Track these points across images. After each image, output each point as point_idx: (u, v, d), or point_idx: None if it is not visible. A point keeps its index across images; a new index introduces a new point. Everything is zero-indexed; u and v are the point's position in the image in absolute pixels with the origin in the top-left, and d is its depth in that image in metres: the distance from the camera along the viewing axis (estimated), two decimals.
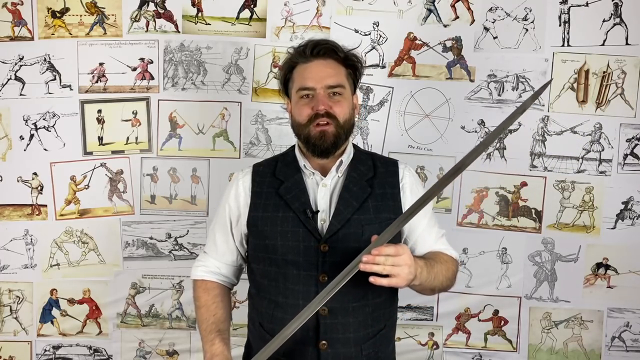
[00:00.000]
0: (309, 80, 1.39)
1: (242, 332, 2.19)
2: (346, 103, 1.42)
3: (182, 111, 2.16)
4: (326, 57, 1.41)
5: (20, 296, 2.21)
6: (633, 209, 2.16)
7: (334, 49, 1.42)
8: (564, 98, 2.13)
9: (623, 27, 2.09)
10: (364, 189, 1.41)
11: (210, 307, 1.48)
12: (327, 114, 1.38)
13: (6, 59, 2.11)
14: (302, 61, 1.42)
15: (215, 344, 1.42)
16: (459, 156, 2.16)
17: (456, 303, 2.23)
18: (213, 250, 1.53)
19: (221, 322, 1.47)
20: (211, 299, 1.49)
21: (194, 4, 2.13)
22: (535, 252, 2.19)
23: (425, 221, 1.48)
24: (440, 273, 1.37)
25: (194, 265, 1.55)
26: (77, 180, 2.17)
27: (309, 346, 1.36)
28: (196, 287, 1.53)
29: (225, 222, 1.50)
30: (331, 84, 1.39)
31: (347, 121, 1.41)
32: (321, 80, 1.39)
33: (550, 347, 2.24)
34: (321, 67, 1.40)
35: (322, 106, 1.37)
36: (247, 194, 1.46)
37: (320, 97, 1.38)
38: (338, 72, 1.42)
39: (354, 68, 1.46)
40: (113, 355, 2.26)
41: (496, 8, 2.11)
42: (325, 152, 1.40)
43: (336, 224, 1.37)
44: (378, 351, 1.43)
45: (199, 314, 1.50)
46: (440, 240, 1.50)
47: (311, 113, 1.38)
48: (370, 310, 1.39)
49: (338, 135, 1.39)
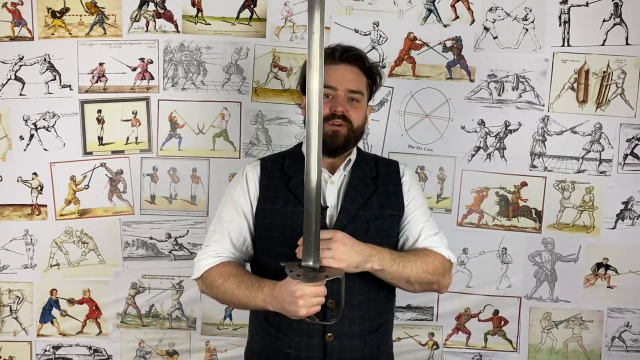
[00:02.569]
0: (332, 80, 1.44)
1: (242, 332, 2.20)
2: (362, 110, 1.49)
3: (182, 111, 2.16)
4: (352, 63, 1.48)
5: (20, 296, 2.21)
6: (633, 209, 2.16)
7: (362, 58, 1.50)
8: (564, 98, 2.13)
9: (623, 27, 2.09)
10: (369, 187, 1.48)
11: (238, 273, 1.40)
12: (343, 117, 1.44)
13: (6, 59, 2.11)
14: (329, 62, 1.45)
15: (264, 286, 1.34)
16: (459, 156, 2.17)
17: (456, 303, 2.23)
18: (222, 241, 1.47)
19: (255, 276, 1.40)
20: (233, 269, 1.41)
21: (194, 4, 2.13)
22: (536, 252, 2.19)
23: (417, 217, 1.51)
24: (414, 264, 1.39)
25: (198, 259, 1.46)
26: (77, 180, 2.17)
27: (315, 338, 1.40)
28: (209, 274, 1.42)
29: (238, 210, 1.47)
30: (353, 88, 1.46)
31: (359, 127, 1.48)
32: (345, 82, 1.45)
33: (551, 347, 2.24)
34: (346, 71, 1.47)
35: (341, 108, 1.43)
36: (257, 186, 1.48)
37: (340, 98, 1.45)
38: (360, 80, 1.49)
39: (374, 80, 1.54)
40: (113, 355, 2.26)
41: (496, 8, 2.11)
42: (334, 151, 1.45)
43: (343, 220, 1.41)
44: (380, 344, 1.48)
45: (227, 285, 1.38)
46: (431, 237, 1.50)
47: (328, 113, 1.43)
48: (374, 304, 1.45)
49: (349, 137, 1.45)
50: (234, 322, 2.24)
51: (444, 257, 1.48)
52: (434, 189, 2.18)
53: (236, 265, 1.45)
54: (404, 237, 1.51)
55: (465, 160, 2.17)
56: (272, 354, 1.45)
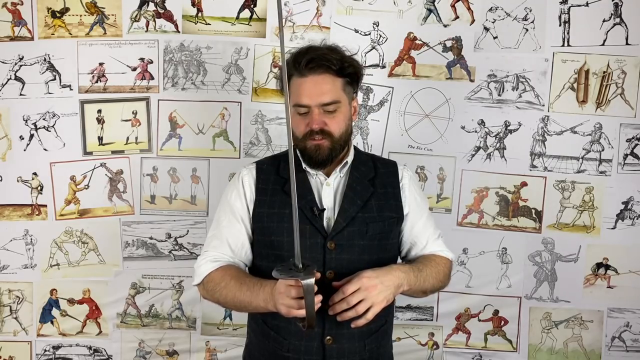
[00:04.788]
0: (303, 98, 1.38)
1: (242, 332, 2.19)
2: (342, 116, 1.42)
3: (182, 111, 2.16)
4: (321, 71, 1.38)
5: (20, 296, 2.21)
6: (633, 209, 2.16)
7: (328, 63, 1.38)
8: (564, 98, 2.13)
9: (623, 27, 2.09)
10: (367, 189, 1.46)
11: (239, 275, 1.40)
12: (322, 131, 1.39)
13: (6, 59, 2.11)
14: (297, 75, 1.40)
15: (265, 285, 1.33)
16: (459, 156, 2.17)
17: (456, 303, 2.23)
18: (220, 247, 1.47)
19: (256, 278, 1.39)
20: (234, 271, 1.41)
21: (194, 4, 2.13)
22: (535, 252, 2.19)
23: (422, 222, 1.52)
24: (430, 276, 1.42)
25: (198, 265, 1.46)
26: (77, 180, 2.17)
27: (314, 341, 1.39)
28: (209, 279, 1.42)
29: (236, 215, 1.47)
30: (325, 101, 1.38)
31: (342, 134, 1.42)
32: (315, 97, 1.38)
33: (550, 347, 2.24)
34: (316, 84, 1.38)
35: (316, 125, 1.38)
36: (252, 190, 1.47)
37: (315, 115, 1.38)
38: (333, 87, 1.40)
39: (351, 75, 1.44)
40: (113, 355, 2.26)
41: (496, 8, 2.11)
42: (322, 164, 1.42)
43: (342, 222, 1.40)
44: (379, 346, 1.48)
45: (229, 289, 1.37)
46: (436, 242, 1.52)
47: (306, 130, 1.39)
48: None
49: (333, 148, 1.41)
50: (234, 322, 2.24)
51: (448, 260, 1.52)
52: (434, 189, 2.18)
53: (236, 268, 1.44)
54: (410, 243, 1.51)
55: (465, 160, 2.17)
56: (271, 357, 1.44)
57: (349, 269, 1.34)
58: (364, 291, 1.25)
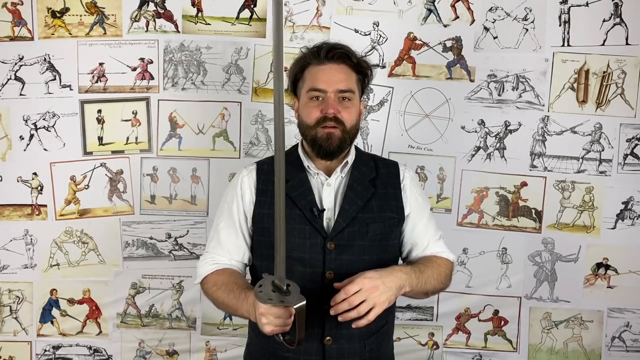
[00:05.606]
0: (321, 82, 1.41)
1: (242, 332, 2.20)
2: (354, 109, 1.45)
3: (182, 111, 2.16)
4: (339, 61, 1.43)
5: (20, 296, 2.21)
6: (633, 209, 2.16)
7: (348, 54, 1.44)
8: (564, 98, 2.13)
9: (623, 27, 2.09)
10: (368, 189, 1.45)
11: (229, 282, 1.40)
12: (335, 119, 1.40)
13: (6, 59, 2.11)
14: (315, 63, 1.43)
15: (248, 297, 1.31)
16: (459, 156, 2.17)
17: (456, 303, 2.23)
18: (219, 249, 1.48)
19: (246, 285, 1.40)
20: (226, 277, 1.42)
21: (194, 4, 2.13)
22: (535, 252, 2.19)
23: (423, 223, 1.51)
24: (431, 277, 1.41)
25: (199, 265, 1.48)
26: (77, 180, 2.17)
27: (314, 342, 1.39)
28: (205, 282, 1.44)
29: (233, 218, 1.48)
30: (342, 88, 1.41)
31: (353, 127, 1.44)
32: (333, 83, 1.41)
33: (551, 347, 2.24)
34: (334, 71, 1.42)
35: (332, 110, 1.39)
36: (252, 191, 1.47)
37: (331, 100, 1.40)
38: (349, 78, 1.44)
39: (364, 75, 1.48)
40: (113, 355, 2.26)
41: (496, 8, 2.11)
42: (330, 154, 1.42)
43: (342, 222, 1.40)
44: (380, 347, 1.47)
45: (219, 294, 1.39)
46: (437, 243, 1.52)
47: (320, 116, 1.40)
48: None
49: (344, 139, 1.41)
50: (234, 322, 2.24)
51: (449, 261, 1.51)
52: (434, 189, 2.18)
53: (230, 273, 1.44)
54: (411, 244, 1.51)
55: (465, 160, 2.17)
56: (271, 357, 1.44)
57: (349, 270, 1.34)
58: (365, 292, 1.24)
